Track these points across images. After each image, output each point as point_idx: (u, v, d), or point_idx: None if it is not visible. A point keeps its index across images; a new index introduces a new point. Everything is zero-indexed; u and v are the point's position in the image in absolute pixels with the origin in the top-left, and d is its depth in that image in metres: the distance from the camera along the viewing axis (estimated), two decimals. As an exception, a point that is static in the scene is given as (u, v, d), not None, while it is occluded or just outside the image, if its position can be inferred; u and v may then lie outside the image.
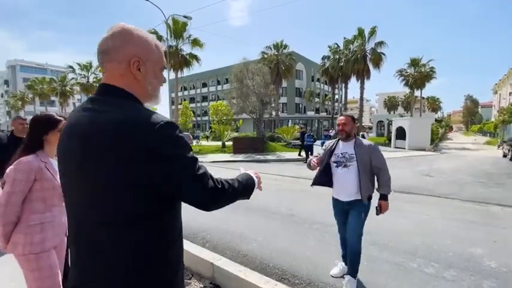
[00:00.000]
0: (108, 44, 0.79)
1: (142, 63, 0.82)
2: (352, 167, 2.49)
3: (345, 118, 2.59)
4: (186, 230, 4.13)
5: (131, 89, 0.82)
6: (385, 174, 2.51)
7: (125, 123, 0.72)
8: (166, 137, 0.74)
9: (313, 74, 48.29)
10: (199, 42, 18.54)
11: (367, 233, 4.04)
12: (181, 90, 56.23)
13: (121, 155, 0.71)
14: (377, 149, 2.55)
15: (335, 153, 2.62)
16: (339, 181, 2.57)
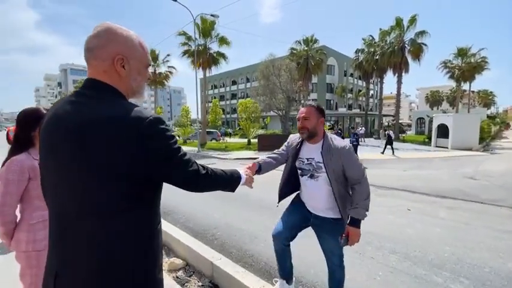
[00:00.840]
0: (93, 43, 0.84)
1: (126, 61, 0.86)
2: (322, 179, 1.85)
3: (306, 110, 1.86)
4: (196, 226, 4.22)
5: (117, 85, 0.87)
6: (362, 189, 1.78)
7: (116, 117, 0.77)
8: (155, 130, 0.81)
9: (345, 68, 46.12)
10: (227, 41, 18.71)
11: (389, 239, 3.75)
12: (212, 88, 57.79)
13: (111, 147, 0.76)
14: (351, 154, 1.81)
15: (299, 158, 1.95)
16: (307, 193, 1.99)
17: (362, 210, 1.77)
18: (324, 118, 1.91)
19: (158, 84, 25.23)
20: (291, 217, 2.04)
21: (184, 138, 21.58)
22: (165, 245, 3.30)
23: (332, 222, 1.88)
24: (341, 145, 1.82)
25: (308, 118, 1.84)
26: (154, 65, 24.64)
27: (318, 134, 1.88)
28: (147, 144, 0.79)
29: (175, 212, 4.75)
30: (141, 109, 0.82)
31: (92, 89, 0.85)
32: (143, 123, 0.79)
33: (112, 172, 0.77)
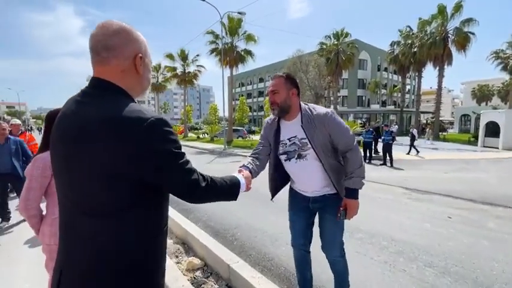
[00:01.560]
0: (115, 41, 0.83)
1: (143, 59, 0.88)
2: (310, 156, 1.67)
3: (274, 82, 1.66)
4: (218, 225, 4.21)
5: (129, 84, 0.86)
6: (354, 156, 1.64)
7: (118, 117, 0.75)
8: (156, 132, 0.77)
9: (379, 63, 43.55)
10: (253, 38, 18.60)
11: (424, 250, 3.38)
12: (239, 86, 58.41)
13: (111, 147, 0.74)
14: (334, 120, 1.62)
15: (281, 141, 1.75)
16: (298, 177, 1.80)
17: (357, 179, 1.65)
18: (297, 89, 1.69)
19: (188, 83, 26.01)
20: (296, 220, 1.90)
21: (212, 136, 22.04)
22: (185, 243, 3.33)
23: (332, 198, 1.75)
24: (322, 112, 1.64)
25: (277, 91, 1.64)
26: (183, 65, 25.44)
27: (292, 107, 1.67)
28: (145, 146, 0.75)
29: (197, 210, 4.80)
30: (145, 109, 0.79)
31: (98, 89, 0.84)
32: (143, 125, 0.75)
33: (109, 172, 0.75)
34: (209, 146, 17.82)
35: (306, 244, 1.89)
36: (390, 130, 11.01)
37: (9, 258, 3.01)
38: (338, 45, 26.14)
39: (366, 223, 4.10)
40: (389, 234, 3.70)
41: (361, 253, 3.18)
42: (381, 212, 4.68)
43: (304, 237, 1.88)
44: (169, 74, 26.67)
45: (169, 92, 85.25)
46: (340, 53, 25.77)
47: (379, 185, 6.78)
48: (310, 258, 1.95)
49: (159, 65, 30.07)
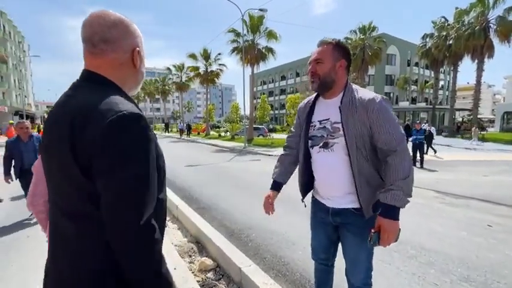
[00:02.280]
0: (113, 34, 0.79)
1: (139, 53, 0.85)
2: (339, 147, 1.33)
3: (319, 49, 1.35)
4: (233, 225, 4.12)
5: (124, 78, 0.83)
6: (398, 162, 1.24)
7: (89, 108, 0.68)
8: (121, 128, 0.66)
9: (409, 57, 41.08)
10: (275, 35, 18.31)
11: (459, 262, 3.02)
12: (261, 84, 58.30)
13: (77, 140, 0.67)
14: (383, 108, 1.26)
15: (311, 124, 1.45)
16: (318, 172, 1.46)
17: (398, 193, 1.20)
18: (348, 61, 1.38)
19: (210, 82, 26.39)
20: (316, 235, 1.63)
21: (232, 134, 22.17)
22: (199, 242, 3.28)
23: (352, 215, 1.37)
24: (369, 97, 1.29)
25: (321, 61, 1.33)
26: (206, 64, 25.85)
27: (336, 83, 1.34)
28: (102, 140, 0.66)
29: (213, 209, 4.76)
30: (125, 103, 0.71)
31: (88, 81, 0.79)
32: (110, 117, 0.66)
33: (75, 169, 0.68)
34: (229, 144, 17.92)
35: (328, 259, 1.61)
36: (423, 128, 10.31)
37: (41, 250, 3.16)
38: (364, 40, 25.00)
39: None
40: (418, 242, 3.37)
41: (386, 262, 2.91)
42: (409, 217, 4.31)
43: (325, 253, 1.59)
44: (192, 73, 27.24)
45: (193, 91, 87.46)
46: (367, 48, 24.63)
47: (407, 188, 6.30)
48: (333, 272, 1.70)
49: (182, 65, 30.87)
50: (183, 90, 32.23)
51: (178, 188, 6.20)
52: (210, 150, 14.94)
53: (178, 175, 7.76)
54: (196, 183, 6.68)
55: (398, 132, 1.27)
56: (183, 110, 40.83)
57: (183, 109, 41.09)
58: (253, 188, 6.20)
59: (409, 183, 1.24)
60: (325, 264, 1.64)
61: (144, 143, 0.70)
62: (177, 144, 19.50)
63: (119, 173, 0.65)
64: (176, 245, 3.19)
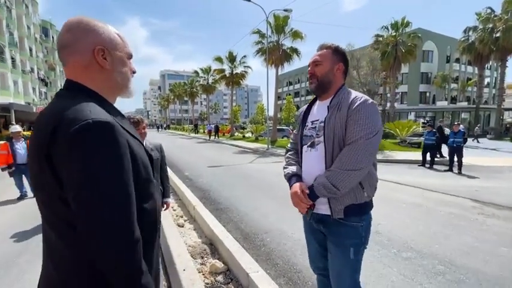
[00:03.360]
0: (67, 38, 0.77)
1: (107, 52, 0.79)
2: (321, 145, 1.35)
3: (319, 53, 1.41)
4: (248, 228, 4.10)
5: (96, 82, 0.79)
6: (348, 152, 1.22)
7: (57, 118, 0.68)
8: (86, 138, 0.64)
9: (448, 53, 37.92)
10: (300, 35, 18.00)
11: (497, 283, 2.68)
12: (287, 85, 57.79)
13: (45, 150, 0.67)
14: (365, 111, 1.25)
15: (306, 123, 1.50)
16: (303, 172, 1.45)
17: (325, 181, 1.24)
18: (345, 65, 1.43)
19: (235, 84, 26.79)
20: (308, 242, 1.59)
21: (256, 135, 22.25)
22: (212, 244, 3.30)
23: (337, 224, 1.33)
24: (355, 97, 1.30)
25: (320, 63, 1.39)
26: (231, 66, 26.31)
27: (332, 85, 1.40)
28: (67, 153, 0.65)
29: (231, 210, 4.78)
30: (93, 110, 0.69)
31: (66, 90, 0.79)
32: (74, 126, 0.64)
33: (53, 179, 0.68)
34: (253, 145, 17.99)
35: (326, 269, 1.50)
36: (433, 130, 9.56)
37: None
38: (397, 37, 23.54)
39: (418, 240, 3.48)
40: (448, 257, 3.06)
41: (408, 277, 2.68)
42: (439, 228, 3.95)
43: (321, 262, 1.52)
44: (218, 76, 27.90)
45: (220, 93, 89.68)
46: (399, 44, 23.17)
47: (441, 195, 5.79)
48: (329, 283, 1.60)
49: (209, 68, 31.78)
50: (209, 92, 33.12)
51: (198, 188, 6.35)
52: (233, 151, 15.12)
53: (200, 175, 7.95)
54: (216, 184, 6.78)
55: (368, 131, 1.23)
56: (210, 111, 41.92)
57: (210, 110, 42.18)
58: (273, 190, 6.13)
59: (346, 177, 1.21)
60: (324, 275, 1.56)
61: (112, 151, 0.67)
62: (203, 145, 20.04)
63: (85, 187, 0.64)
64: (190, 245, 3.24)
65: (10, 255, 3.07)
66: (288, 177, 1.47)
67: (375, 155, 1.30)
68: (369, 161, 1.23)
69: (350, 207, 1.30)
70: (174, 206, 4.86)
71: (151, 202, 0.85)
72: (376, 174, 1.39)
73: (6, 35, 27.26)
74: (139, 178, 0.77)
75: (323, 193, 1.26)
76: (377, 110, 1.29)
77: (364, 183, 1.31)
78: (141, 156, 0.79)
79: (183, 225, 3.95)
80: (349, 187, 1.24)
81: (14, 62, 28.95)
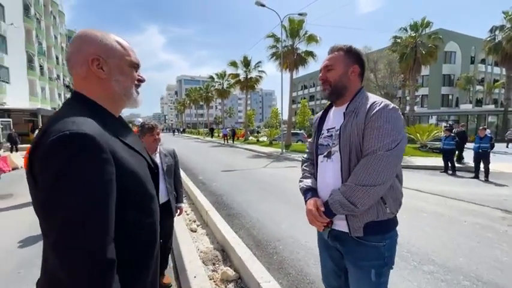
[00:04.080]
0: (69, 52, 0.80)
1: (103, 61, 0.79)
2: (336, 155, 1.24)
3: (330, 56, 1.30)
4: (260, 235, 4.04)
5: (96, 92, 0.80)
6: (369, 164, 1.10)
7: (46, 128, 0.68)
8: (55, 151, 0.62)
9: (473, 54, 36.19)
10: (315, 38, 17.86)
11: None
12: (302, 88, 57.40)
13: (31, 163, 0.67)
14: (385, 117, 1.12)
15: (322, 131, 1.39)
16: (318, 184, 1.36)
17: (341, 198, 1.14)
18: (361, 66, 1.30)
19: (249, 89, 26.97)
20: (322, 259, 1.47)
21: (270, 139, 22.17)
22: (224, 250, 3.28)
23: (356, 243, 1.20)
24: (374, 102, 1.17)
25: (332, 67, 1.28)
26: (246, 71, 26.54)
27: (348, 90, 1.28)
28: (40, 164, 0.64)
29: (243, 216, 4.75)
30: (79, 120, 0.67)
31: (70, 99, 0.81)
32: (50, 137, 0.63)
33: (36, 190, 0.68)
34: (267, 149, 17.91)
35: (340, 287, 1.41)
36: (452, 135, 9.09)
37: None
38: (416, 38, 22.78)
39: (441, 252, 3.28)
40: (474, 272, 2.86)
41: (430, 293, 2.51)
42: (463, 239, 3.70)
43: (335, 280, 1.41)
44: (232, 80, 28.20)
45: (235, 97, 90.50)
46: (419, 46, 22.39)
47: (465, 204, 5.45)
48: None
49: (224, 73, 32.25)
50: (224, 97, 33.53)
51: (211, 193, 6.38)
52: (247, 156, 15.14)
53: (213, 179, 8.00)
54: (229, 189, 6.79)
55: (389, 141, 1.10)
56: (225, 115, 42.38)
57: (225, 114, 42.65)
58: (286, 196, 6.05)
59: (363, 193, 1.09)
60: None
61: (86, 166, 0.63)
62: (217, 149, 20.23)
63: (51, 205, 0.62)
64: (202, 251, 3.24)
65: (31, 256, 3.20)
66: (302, 191, 1.39)
67: (397, 167, 1.15)
68: (389, 175, 1.10)
69: (370, 225, 1.17)
70: (188, 210, 4.90)
71: (149, 217, 0.82)
72: (400, 188, 1.25)
73: (36, 45, 29.13)
74: (130, 192, 0.74)
75: (339, 210, 1.16)
76: (400, 116, 1.16)
77: (386, 198, 1.17)
78: (133, 168, 0.76)
79: (195, 230, 3.96)
80: (369, 204, 1.12)
81: (42, 69, 30.85)
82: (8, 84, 23.01)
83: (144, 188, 0.80)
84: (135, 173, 0.77)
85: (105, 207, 0.65)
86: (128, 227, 0.74)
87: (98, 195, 0.64)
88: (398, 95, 24.77)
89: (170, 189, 2.53)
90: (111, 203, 0.66)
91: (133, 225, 0.76)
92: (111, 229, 0.66)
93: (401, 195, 1.25)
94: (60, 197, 0.61)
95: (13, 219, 4.54)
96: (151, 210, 0.84)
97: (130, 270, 0.75)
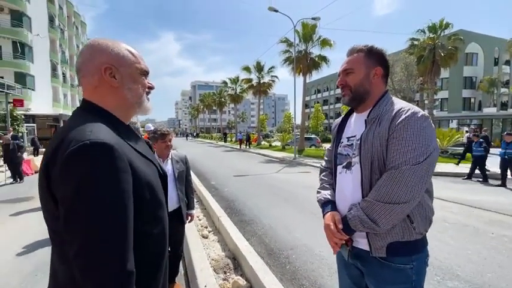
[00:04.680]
0: (79, 62, 0.80)
1: (116, 70, 0.80)
2: (357, 167, 1.13)
3: (351, 58, 1.20)
4: (272, 243, 3.94)
5: (108, 101, 0.80)
6: (392, 180, 0.99)
7: (60, 137, 0.68)
8: (80, 160, 0.62)
9: (497, 55, 34.58)
10: (329, 42, 17.66)
11: None
12: (315, 93, 56.97)
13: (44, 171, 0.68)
14: (414, 126, 1.00)
15: (341, 140, 1.27)
16: (336, 197, 1.26)
17: (361, 214, 1.03)
18: (385, 68, 1.18)
19: (262, 93, 27.05)
20: (341, 275, 1.34)
21: (283, 144, 22.01)
22: (235, 258, 3.21)
23: (379, 264, 1.09)
24: (401, 108, 1.05)
25: (352, 70, 1.17)
26: (259, 76, 26.69)
27: (370, 94, 1.17)
28: (60, 174, 0.63)
29: (255, 222, 4.67)
30: (95, 129, 0.67)
31: (80, 109, 0.81)
32: (71, 146, 0.63)
33: (51, 200, 0.68)
34: (280, 154, 17.77)
35: None
36: (481, 140, 8.56)
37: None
38: (435, 40, 22.05)
39: (467, 267, 3.06)
40: (505, 291, 2.63)
41: (456, 312, 2.33)
42: (491, 253, 3.44)
43: None
44: (245, 85, 28.41)
45: (247, 102, 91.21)
46: (438, 48, 21.64)
47: (491, 214, 5.10)
48: None
49: (237, 78, 32.61)
50: (237, 101, 33.80)
51: (223, 198, 6.35)
52: (259, 161, 15.07)
53: (225, 184, 7.99)
54: (241, 194, 6.73)
55: (417, 154, 0.98)
56: (238, 120, 42.65)
57: (238, 119, 42.93)
58: (300, 202, 5.92)
59: (386, 211, 0.98)
60: None
61: (107, 176, 0.63)
62: (230, 153, 20.31)
63: (75, 214, 0.61)
64: (213, 258, 3.19)
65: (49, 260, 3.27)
66: (321, 204, 1.29)
67: (427, 182, 1.01)
68: (417, 192, 0.97)
69: (395, 245, 1.05)
70: (200, 215, 4.89)
71: (159, 227, 0.81)
72: (431, 204, 1.12)
73: (59, 54, 30.74)
74: (144, 202, 0.74)
75: (359, 227, 1.05)
76: (430, 125, 1.03)
77: (413, 217, 1.04)
78: (148, 177, 0.76)
79: (207, 237, 3.93)
80: (392, 223, 1.01)
81: (64, 77, 32.45)
82: (33, 91, 24.30)
83: (156, 196, 0.80)
84: (149, 183, 0.77)
85: (126, 217, 0.65)
86: (137, 237, 0.72)
87: (120, 204, 0.64)
88: (416, 99, 24.01)
89: (181, 196, 2.51)
90: (131, 212, 0.67)
91: (143, 235, 0.75)
92: (131, 240, 0.66)
93: (432, 212, 1.12)
94: (84, 207, 0.61)
95: (33, 221, 4.70)
96: (161, 218, 0.83)
97: (138, 283, 0.73)
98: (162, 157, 2.46)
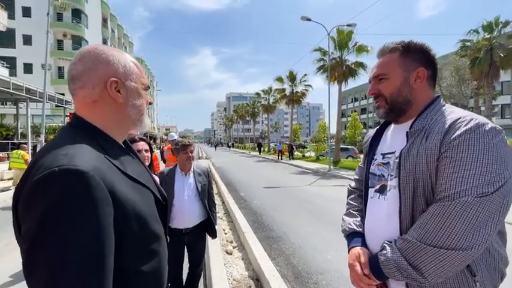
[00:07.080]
0: (78, 69, 0.69)
1: (121, 84, 0.71)
2: (394, 192, 0.87)
3: (382, 60, 0.94)
4: (301, 265, 3.59)
5: (105, 117, 0.71)
6: (440, 216, 0.69)
7: (39, 160, 0.59)
8: (38, 194, 0.52)
9: None
10: (365, 48, 16.75)
11: None
12: (352, 101, 54.76)
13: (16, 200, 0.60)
14: (477, 143, 0.70)
15: (374, 155, 1.02)
16: (365, 224, 1.00)
17: (399, 258, 0.76)
18: (431, 68, 0.91)
19: (295, 103, 26.75)
20: None
21: (317, 155, 21.19)
22: (259, 280, 2.96)
23: None
24: (460, 119, 0.78)
25: (385, 76, 0.92)
26: (291, 85, 26.53)
27: (413, 103, 0.91)
28: (23, 205, 0.55)
29: (283, 240, 4.35)
30: (75, 153, 0.57)
31: (69, 125, 0.71)
32: (37, 174, 0.54)
33: (18, 230, 0.60)
34: (313, 165, 17.08)
35: None
36: None
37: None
38: (491, 39, 19.69)
39: None
40: None
41: None
42: None
43: None
44: (278, 95, 28.48)
45: (281, 112, 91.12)
46: (496, 48, 19.23)
47: None
48: None
49: (270, 89, 32.96)
50: (269, 112, 34.01)
51: (251, 211, 6.13)
52: (291, 172, 14.63)
53: (255, 196, 7.78)
54: (270, 208, 6.45)
55: (484, 181, 0.70)
56: (271, 130, 42.64)
57: (271, 129, 42.92)
58: (333, 219, 5.44)
59: (436, 257, 0.71)
60: None
61: (79, 207, 0.52)
62: (261, 163, 20.17)
63: (33, 255, 0.51)
64: (235, 279, 2.97)
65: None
66: (345, 235, 1.06)
67: (499, 223, 0.72)
68: (483, 235, 0.69)
69: None
70: (226, 229, 4.74)
71: (152, 264, 0.68)
72: (504, 252, 0.82)
73: (111, 72, 34.66)
74: (130, 235, 0.63)
75: (396, 276, 0.78)
76: (503, 141, 0.75)
77: (476, 267, 0.76)
78: (137, 207, 0.64)
79: (231, 253, 3.73)
80: (445, 275, 0.72)
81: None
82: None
83: (147, 228, 0.68)
84: (139, 213, 0.65)
85: (102, 257, 0.54)
86: (122, 277, 0.60)
87: (93, 243, 0.53)
88: (470, 105, 21.48)
89: (204, 211, 2.39)
90: (109, 251, 0.55)
91: (129, 274, 0.63)
92: (109, 283, 0.55)
93: (505, 262, 0.81)
94: (45, 249, 0.50)
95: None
96: (155, 253, 0.70)
97: None
98: (185, 170, 2.38)
